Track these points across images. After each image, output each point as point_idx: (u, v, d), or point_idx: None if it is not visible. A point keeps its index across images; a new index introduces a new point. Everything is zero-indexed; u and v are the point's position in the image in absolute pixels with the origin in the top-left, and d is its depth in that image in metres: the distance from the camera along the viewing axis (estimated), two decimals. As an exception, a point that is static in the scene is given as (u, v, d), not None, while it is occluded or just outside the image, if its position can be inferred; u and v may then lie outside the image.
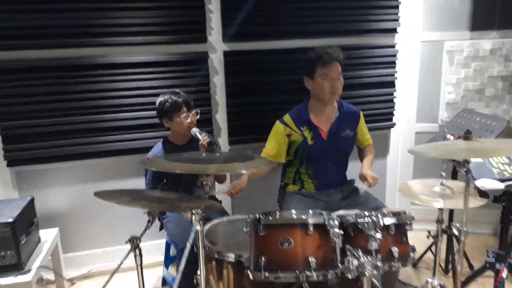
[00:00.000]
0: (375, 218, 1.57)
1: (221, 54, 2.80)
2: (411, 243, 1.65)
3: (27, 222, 2.25)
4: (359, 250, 1.51)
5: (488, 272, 2.25)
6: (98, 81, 2.62)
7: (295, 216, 1.52)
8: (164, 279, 2.67)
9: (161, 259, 2.97)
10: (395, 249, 1.57)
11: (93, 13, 2.54)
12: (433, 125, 3.21)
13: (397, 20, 3.02)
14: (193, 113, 2.43)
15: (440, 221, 1.96)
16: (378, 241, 1.52)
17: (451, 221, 2.74)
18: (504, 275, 1.93)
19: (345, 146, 2.46)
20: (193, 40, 2.73)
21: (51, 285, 2.76)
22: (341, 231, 1.51)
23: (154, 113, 2.67)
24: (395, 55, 3.10)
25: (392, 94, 3.16)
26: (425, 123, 3.23)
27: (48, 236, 2.48)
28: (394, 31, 3.05)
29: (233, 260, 1.70)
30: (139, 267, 1.71)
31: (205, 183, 1.45)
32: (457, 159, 1.63)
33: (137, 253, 1.68)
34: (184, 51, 2.72)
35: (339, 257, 1.51)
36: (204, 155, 1.58)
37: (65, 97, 2.59)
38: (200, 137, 2.36)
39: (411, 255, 1.63)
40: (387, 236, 1.57)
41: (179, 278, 2.25)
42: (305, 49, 2.85)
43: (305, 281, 1.53)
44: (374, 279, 1.69)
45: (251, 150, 2.94)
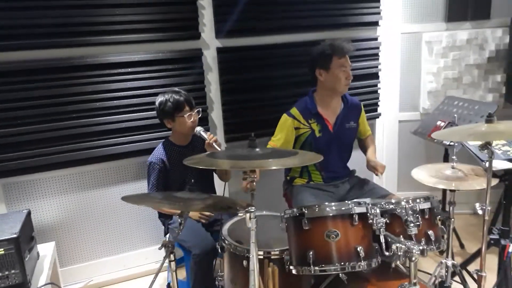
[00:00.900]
0: (411, 203, 1.62)
1: (214, 50, 2.75)
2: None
3: (27, 237, 2.08)
4: (401, 236, 1.57)
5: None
6: (88, 82, 2.48)
7: (338, 207, 1.53)
8: (169, 285, 2.59)
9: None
10: (431, 233, 1.63)
11: (81, 11, 2.39)
12: (415, 114, 3.36)
13: (379, 13, 3.12)
14: (196, 111, 2.37)
15: (452, 203, 2.06)
16: (417, 226, 1.58)
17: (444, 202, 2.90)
18: (511, 250, 2.06)
19: (349, 137, 2.51)
20: (186, 37, 2.65)
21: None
22: (384, 219, 1.55)
23: (149, 114, 2.61)
24: (378, 47, 3.20)
25: (376, 85, 3.26)
26: (407, 112, 3.37)
27: (46, 250, 2.32)
28: (376, 24, 3.15)
29: (278, 256, 1.68)
30: (174, 273, 1.64)
31: (250, 179, 1.42)
32: (482, 142, 1.69)
33: (172, 258, 1.62)
34: (177, 49, 2.64)
35: (384, 244, 1.54)
36: (243, 151, 1.53)
37: (53, 100, 2.42)
38: (206, 136, 2.31)
39: (444, 237, 1.70)
40: (423, 220, 1.63)
41: (194, 281, 2.23)
42: (297, 44, 2.92)
43: (349, 271, 1.55)
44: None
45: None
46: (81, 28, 2.41)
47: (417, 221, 1.58)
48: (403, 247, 1.48)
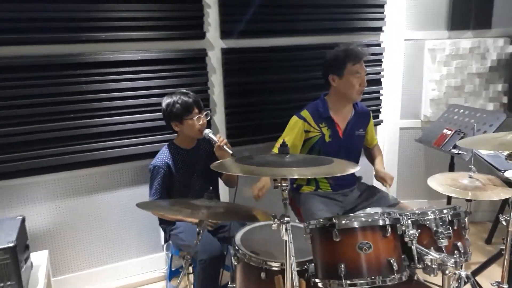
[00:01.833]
0: (440, 214, 1.56)
1: (219, 51, 2.65)
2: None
3: (23, 246, 1.93)
4: (431, 248, 1.51)
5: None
6: (87, 81, 2.33)
7: (371, 218, 1.45)
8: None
9: (158, 274, 2.76)
10: (460, 244, 1.57)
11: (80, 5, 2.25)
12: (416, 121, 3.34)
13: (383, 19, 3.09)
14: (204, 114, 2.27)
15: (468, 213, 2.01)
16: (448, 237, 1.52)
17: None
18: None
19: (358, 145, 2.46)
20: (190, 36, 2.54)
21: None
22: (416, 231, 1.48)
23: (151, 115, 2.49)
24: (381, 53, 3.17)
25: (378, 92, 3.23)
26: (408, 120, 3.34)
27: (39, 260, 2.17)
28: (379, 29, 3.12)
29: (300, 268, 1.59)
30: (193, 286, 1.53)
31: (283, 188, 1.33)
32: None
33: (190, 270, 1.51)
34: (181, 48, 2.52)
35: (416, 257, 1.47)
36: (272, 157, 1.44)
37: (49, 99, 2.27)
38: (215, 138, 2.21)
39: (470, 249, 1.65)
40: (453, 231, 1.57)
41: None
42: (304, 47, 2.85)
43: (379, 284, 1.48)
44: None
45: (251, 152, 2.82)
46: (80, 23, 2.27)
47: (448, 232, 1.52)
48: (437, 260, 1.42)
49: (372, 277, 1.40)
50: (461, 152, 2.51)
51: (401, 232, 1.47)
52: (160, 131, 2.53)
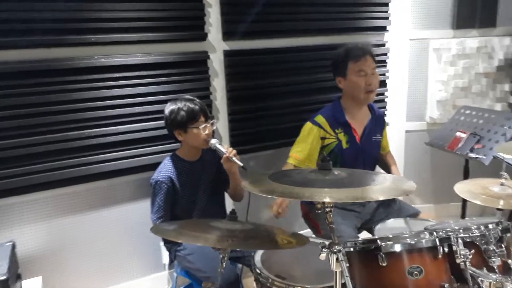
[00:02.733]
0: (486, 229, 1.42)
1: (221, 54, 2.46)
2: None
3: (14, 276, 1.70)
4: (484, 269, 1.36)
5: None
6: (77, 88, 2.10)
7: (421, 238, 1.29)
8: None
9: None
10: (511, 262, 1.43)
11: (71, 4, 2.02)
12: (422, 123, 3.23)
13: (387, 18, 2.96)
14: (211, 123, 2.08)
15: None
16: (501, 256, 1.38)
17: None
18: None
19: (375, 151, 2.32)
20: (191, 38, 2.35)
21: None
22: (469, 250, 1.33)
23: (150, 124, 2.29)
24: (386, 54, 3.04)
25: (383, 93, 3.10)
26: (414, 122, 3.23)
27: (31, 289, 1.93)
28: (384, 29, 2.99)
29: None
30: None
31: (328, 210, 1.16)
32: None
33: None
34: (181, 51, 2.32)
35: (469, 279, 1.32)
36: (312, 175, 1.26)
37: (36, 110, 2.03)
38: (223, 149, 2.02)
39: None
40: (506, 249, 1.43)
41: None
42: (310, 48, 2.69)
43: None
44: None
45: (255, 161, 2.64)
46: (67, 24, 2.04)
47: (501, 250, 1.38)
48: (496, 283, 1.28)
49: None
50: (479, 156, 2.39)
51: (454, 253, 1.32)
52: (159, 141, 2.32)
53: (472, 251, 1.34)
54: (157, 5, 2.21)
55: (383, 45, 3.02)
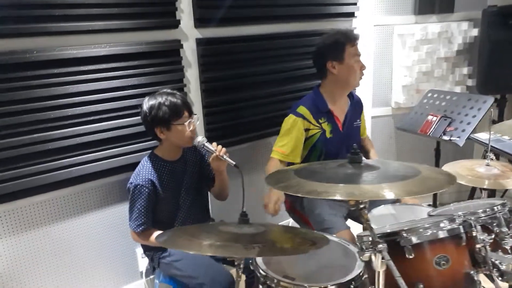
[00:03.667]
0: (499, 212, 1.43)
1: (194, 42, 2.29)
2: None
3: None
4: (499, 251, 1.37)
5: None
6: (37, 85, 1.85)
7: (440, 227, 1.26)
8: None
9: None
10: (519, 242, 1.46)
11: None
12: (387, 109, 3.28)
13: (356, 3, 2.94)
14: (195, 118, 1.93)
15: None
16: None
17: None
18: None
19: (357, 137, 2.30)
20: (161, 25, 2.16)
21: None
22: (488, 235, 1.33)
23: (120, 122, 2.09)
24: (354, 40, 3.03)
25: (351, 80, 3.09)
26: (380, 108, 3.27)
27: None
28: (352, 15, 2.97)
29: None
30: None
31: (361, 207, 1.08)
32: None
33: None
34: (151, 40, 2.13)
35: (490, 264, 1.32)
36: (342, 169, 1.17)
37: (-10, 111, 1.76)
38: (212, 147, 1.89)
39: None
40: None
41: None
42: (285, 35, 2.59)
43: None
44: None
45: (234, 155, 2.51)
46: (27, 11, 1.78)
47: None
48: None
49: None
50: (453, 138, 2.45)
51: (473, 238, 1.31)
52: (131, 140, 2.13)
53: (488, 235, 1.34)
54: (124, -11, 2.00)
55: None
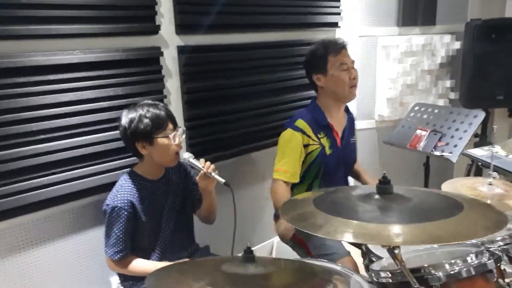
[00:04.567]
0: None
1: (175, 50, 2.10)
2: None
3: None
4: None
5: None
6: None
7: (477, 262, 1.13)
8: None
9: None
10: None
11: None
12: (370, 121, 3.20)
13: (339, 13, 2.85)
14: (180, 131, 1.74)
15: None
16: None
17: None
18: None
19: (354, 155, 2.19)
20: (140, 31, 1.96)
21: None
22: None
23: (94, 138, 1.86)
24: (338, 51, 2.93)
25: (335, 92, 2.99)
26: (363, 120, 3.18)
27: None
28: (336, 25, 2.88)
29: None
30: None
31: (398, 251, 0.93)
32: None
33: None
34: (128, 47, 1.92)
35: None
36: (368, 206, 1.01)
37: None
38: (199, 164, 1.71)
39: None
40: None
41: None
42: (270, 44, 2.45)
43: None
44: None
45: (219, 171, 2.33)
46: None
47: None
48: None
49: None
50: (445, 154, 2.37)
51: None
52: (106, 157, 1.90)
53: (513, 265, 1.23)
54: (99, -10, 1.79)
55: (335, 42, 2.91)
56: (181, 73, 2.13)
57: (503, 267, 1.19)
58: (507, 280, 1.19)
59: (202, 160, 1.74)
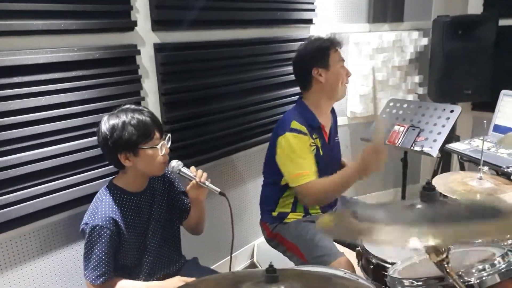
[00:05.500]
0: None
1: (151, 48, 1.94)
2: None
3: None
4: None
5: None
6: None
7: (500, 266, 1.10)
8: None
9: None
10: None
11: None
12: (343, 118, 3.18)
13: (314, 10, 2.80)
14: (167, 139, 1.60)
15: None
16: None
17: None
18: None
19: (339, 155, 2.13)
20: (114, 27, 1.78)
21: None
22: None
23: (66, 146, 1.67)
24: (312, 48, 2.88)
25: (310, 89, 2.94)
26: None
27: None
28: (310, 22, 2.82)
29: None
30: None
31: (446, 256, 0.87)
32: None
33: None
34: (102, 45, 1.74)
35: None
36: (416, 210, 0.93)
37: None
38: (190, 173, 1.58)
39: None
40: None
41: None
42: (250, 41, 2.35)
43: None
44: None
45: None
46: None
47: None
48: None
49: None
50: (425, 149, 2.40)
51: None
52: (80, 167, 1.72)
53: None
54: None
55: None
56: (159, 72, 1.97)
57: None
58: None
59: (193, 168, 1.61)
